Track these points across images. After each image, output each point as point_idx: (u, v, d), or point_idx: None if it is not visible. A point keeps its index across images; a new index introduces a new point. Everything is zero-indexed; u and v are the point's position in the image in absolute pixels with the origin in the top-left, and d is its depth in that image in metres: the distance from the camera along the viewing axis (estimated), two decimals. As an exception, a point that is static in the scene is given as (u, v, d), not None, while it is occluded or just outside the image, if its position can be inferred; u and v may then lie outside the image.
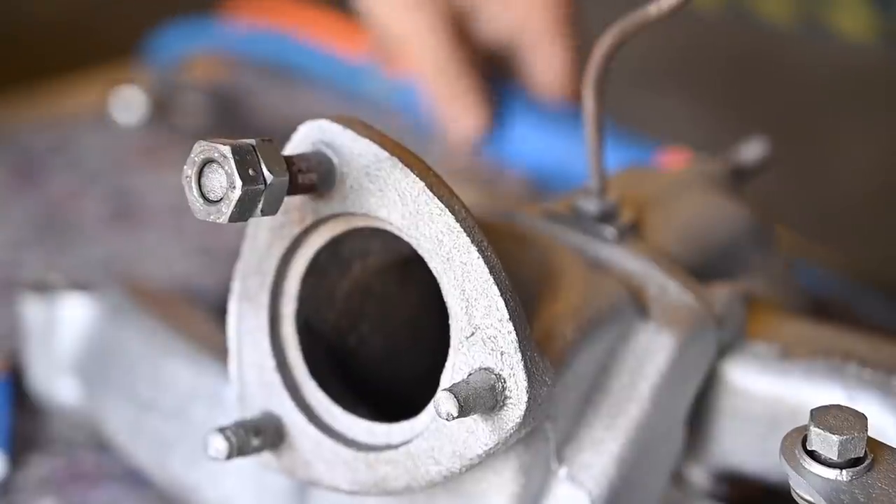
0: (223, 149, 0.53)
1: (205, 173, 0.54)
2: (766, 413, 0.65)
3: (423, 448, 0.57)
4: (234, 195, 0.53)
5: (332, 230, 0.59)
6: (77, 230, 0.96)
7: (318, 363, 0.61)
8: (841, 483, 0.52)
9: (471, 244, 0.55)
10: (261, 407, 0.61)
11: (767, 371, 0.65)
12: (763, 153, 0.75)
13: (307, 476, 0.60)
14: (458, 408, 0.54)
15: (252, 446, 0.60)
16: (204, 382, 0.71)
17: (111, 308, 0.76)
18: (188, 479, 0.71)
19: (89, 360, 0.75)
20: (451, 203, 0.56)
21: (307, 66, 1.11)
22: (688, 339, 0.63)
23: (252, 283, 0.60)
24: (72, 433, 0.78)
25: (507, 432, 0.56)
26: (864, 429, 0.52)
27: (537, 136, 1.00)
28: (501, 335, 0.55)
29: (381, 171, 0.56)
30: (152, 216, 0.98)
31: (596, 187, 0.68)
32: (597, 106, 0.65)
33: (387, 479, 0.58)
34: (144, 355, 0.73)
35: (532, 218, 0.67)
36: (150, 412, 0.72)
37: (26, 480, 0.76)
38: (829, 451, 0.52)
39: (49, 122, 1.06)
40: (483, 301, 0.56)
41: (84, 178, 1.01)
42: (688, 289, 0.64)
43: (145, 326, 0.74)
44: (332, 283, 0.61)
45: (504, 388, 0.56)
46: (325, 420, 0.60)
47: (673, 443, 0.64)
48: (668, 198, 0.71)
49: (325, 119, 0.57)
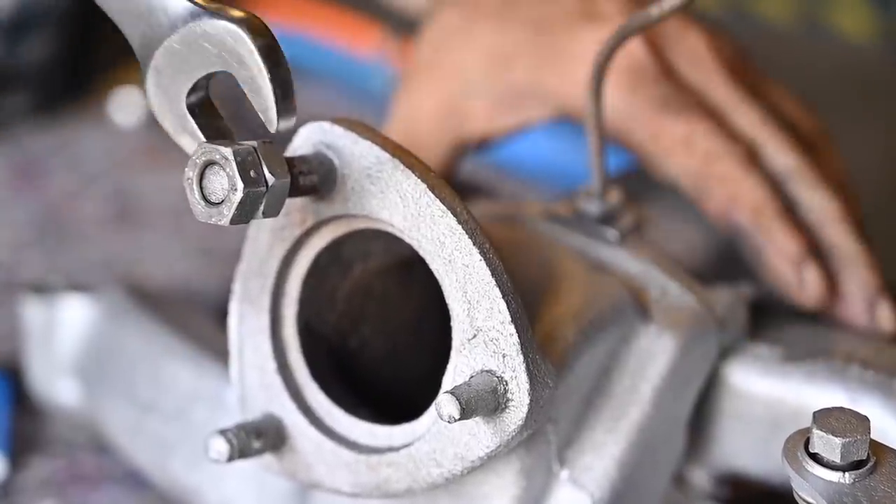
0: (225, 151, 0.53)
1: (206, 175, 0.54)
2: (768, 415, 0.65)
3: (424, 450, 0.57)
4: (236, 197, 0.53)
5: (333, 232, 0.59)
6: (77, 231, 0.96)
7: (319, 365, 0.61)
8: (843, 486, 0.52)
9: (473, 246, 0.55)
10: (262, 409, 0.61)
11: (769, 373, 0.65)
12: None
13: (308, 478, 0.60)
14: (459, 410, 0.54)
15: (253, 448, 0.59)
16: (205, 384, 0.71)
17: (111, 309, 0.75)
18: (189, 481, 0.71)
19: (89, 362, 0.75)
20: (452, 205, 0.56)
21: (315, 64, 1.11)
22: (689, 341, 0.63)
23: (253, 284, 0.60)
24: (72, 434, 0.78)
25: (508, 435, 0.56)
26: (867, 431, 0.52)
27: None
28: (503, 337, 0.55)
29: (383, 172, 0.56)
30: (152, 217, 0.97)
31: (597, 189, 0.67)
32: (597, 106, 0.65)
33: (388, 482, 0.58)
34: (145, 357, 0.73)
35: (534, 219, 0.67)
36: (151, 414, 0.72)
37: (27, 482, 0.76)
38: (832, 453, 0.51)
39: (49, 123, 1.06)
40: (485, 303, 0.55)
41: (84, 179, 1.01)
42: (689, 291, 0.64)
43: (146, 328, 0.74)
44: (333, 285, 0.61)
45: (506, 390, 0.56)
46: (327, 422, 0.60)
47: (674, 445, 0.64)
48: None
49: (326, 121, 0.57)
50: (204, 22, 0.53)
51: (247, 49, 0.53)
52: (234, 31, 0.53)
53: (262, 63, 0.53)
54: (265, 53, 0.53)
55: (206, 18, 0.54)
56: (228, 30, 0.53)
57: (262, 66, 0.53)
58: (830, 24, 1.24)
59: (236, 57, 0.53)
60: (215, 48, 0.53)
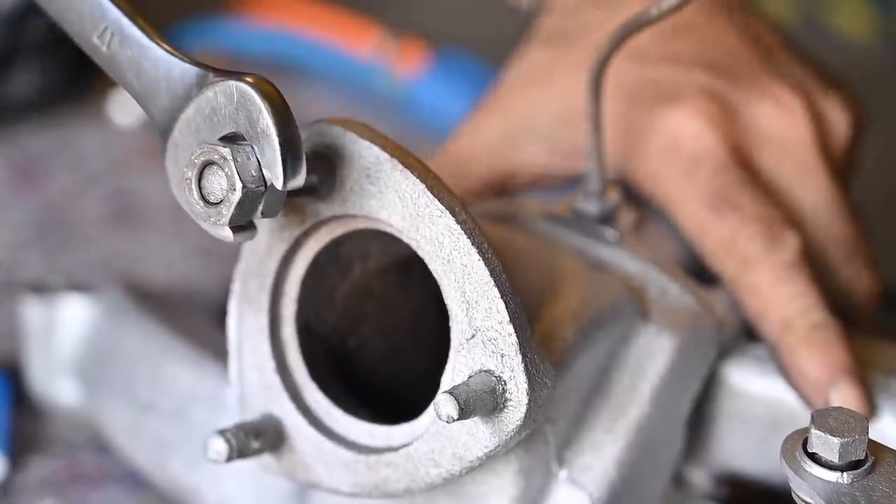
0: (223, 150, 0.53)
1: (205, 175, 0.54)
2: (767, 415, 0.65)
3: (423, 450, 0.57)
4: (235, 197, 0.53)
5: (332, 232, 0.59)
6: (77, 231, 0.96)
7: (318, 365, 0.61)
8: (842, 485, 0.52)
9: (471, 246, 0.55)
10: (261, 409, 0.61)
11: (768, 373, 0.65)
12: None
13: (307, 478, 0.60)
14: (458, 410, 0.54)
15: (252, 448, 0.59)
16: (204, 384, 0.71)
17: (111, 309, 0.75)
18: (188, 481, 0.71)
19: (89, 362, 0.75)
20: (451, 205, 0.56)
21: (315, 64, 1.11)
22: (688, 341, 0.63)
23: (252, 284, 0.60)
24: (72, 434, 0.78)
25: (507, 434, 0.56)
26: (865, 431, 0.52)
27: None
28: (502, 337, 0.55)
29: (382, 172, 0.56)
30: (152, 217, 0.97)
31: (596, 189, 0.68)
32: (597, 106, 0.65)
33: (387, 482, 0.58)
34: (144, 356, 0.73)
35: (533, 219, 0.67)
36: (150, 413, 0.72)
37: (26, 482, 0.76)
38: (830, 453, 0.52)
39: (50, 123, 1.06)
40: (483, 303, 0.55)
41: (84, 178, 1.01)
42: (689, 291, 0.64)
43: (145, 328, 0.74)
44: (332, 285, 0.61)
45: (504, 390, 0.56)
46: (326, 422, 0.60)
47: (673, 445, 0.64)
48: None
49: (324, 121, 0.57)
50: (217, 85, 0.54)
51: (256, 108, 0.53)
52: (244, 90, 0.53)
53: (271, 119, 0.53)
54: (275, 111, 0.53)
55: (217, 81, 0.54)
56: (240, 89, 0.53)
57: (271, 123, 0.53)
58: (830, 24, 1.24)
59: (245, 114, 0.53)
60: (225, 109, 0.54)
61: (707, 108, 0.69)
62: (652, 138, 0.69)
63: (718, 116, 0.69)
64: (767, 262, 0.66)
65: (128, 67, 0.56)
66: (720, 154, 0.69)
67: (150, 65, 0.56)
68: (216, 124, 0.54)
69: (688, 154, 0.69)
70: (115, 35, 0.56)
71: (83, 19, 0.57)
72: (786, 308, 0.65)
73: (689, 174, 0.68)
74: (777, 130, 0.70)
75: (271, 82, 0.54)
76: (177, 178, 0.56)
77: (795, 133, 0.70)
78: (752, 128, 0.70)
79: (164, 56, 0.56)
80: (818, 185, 0.70)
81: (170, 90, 0.56)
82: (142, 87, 0.56)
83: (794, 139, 0.70)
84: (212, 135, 0.54)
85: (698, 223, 0.68)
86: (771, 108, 0.70)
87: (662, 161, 0.69)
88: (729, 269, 0.67)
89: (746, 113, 0.70)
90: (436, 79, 1.07)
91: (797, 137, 0.70)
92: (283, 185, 0.53)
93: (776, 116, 0.70)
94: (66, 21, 0.57)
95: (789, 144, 0.70)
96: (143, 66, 0.56)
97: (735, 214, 0.67)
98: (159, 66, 0.56)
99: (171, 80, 0.56)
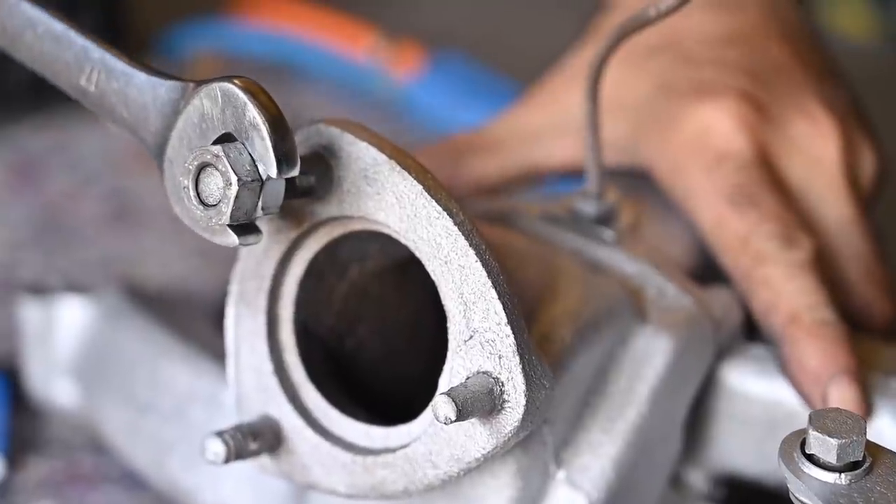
0: (214, 149, 0.53)
1: (201, 180, 0.54)
2: (765, 416, 0.65)
3: (420, 452, 0.57)
4: (232, 192, 0.53)
5: (329, 233, 0.59)
6: (75, 231, 0.96)
7: (315, 366, 0.61)
8: (839, 487, 0.52)
9: (469, 247, 0.55)
10: (259, 410, 0.60)
11: (766, 374, 0.65)
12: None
13: (305, 479, 0.60)
14: (455, 411, 0.54)
15: (250, 450, 0.59)
16: (202, 385, 0.71)
17: (109, 310, 0.75)
18: (186, 482, 0.71)
19: (87, 363, 0.75)
20: (449, 206, 0.56)
21: (312, 66, 1.11)
22: (686, 342, 0.63)
23: (250, 286, 0.60)
24: (70, 435, 0.78)
25: (505, 436, 0.56)
26: (863, 432, 0.52)
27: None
28: (499, 338, 0.55)
29: (379, 174, 0.56)
30: (151, 218, 0.97)
31: (594, 189, 0.67)
32: (595, 107, 0.65)
33: (384, 483, 0.58)
34: (142, 357, 0.73)
35: (530, 220, 0.67)
36: (148, 414, 0.72)
37: (24, 482, 0.76)
38: (828, 454, 0.51)
39: (48, 123, 1.06)
40: (481, 304, 0.55)
41: (82, 179, 1.01)
42: (686, 291, 0.64)
43: (143, 329, 0.74)
44: (329, 287, 0.61)
45: (502, 391, 0.56)
46: (323, 423, 0.60)
47: (671, 446, 0.64)
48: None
49: (322, 122, 0.57)
50: (201, 91, 0.54)
51: (241, 102, 0.53)
52: (227, 88, 0.54)
53: (257, 110, 0.53)
54: (259, 102, 0.53)
55: (201, 88, 0.55)
56: (223, 88, 0.54)
57: (257, 114, 0.53)
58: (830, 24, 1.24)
59: (232, 111, 0.54)
60: (212, 112, 0.54)
61: (742, 109, 0.70)
62: (681, 128, 0.70)
63: (752, 119, 0.70)
64: (782, 259, 0.66)
65: (116, 100, 0.57)
66: (747, 154, 0.69)
67: (137, 91, 0.57)
68: (206, 130, 0.55)
69: (714, 149, 0.69)
70: (101, 72, 0.57)
71: (69, 66, 0.58)
72: (795, 301, 0.65)
73: (712, 168, 0.68)
74: (809, 146, 0.70)
75: (254, 80, 0.54)
76: (175, 194, 0.56)
77: (827, 152, 0.70)
78: (784, 138, 0.70)
79: (148, 79, 0.56)
80: (842, 203, 0.70)
81: (158, 111, 0.56)
82: (131, 115, 0.57)
83: (824, 157, 0.70)
84: (203, 142, 0.55)
85: (716, 216, 0.68)
86: (807, 125, 0.71)
87: (687, 152, 0.69)
88: (742, 264, 0.67)
89: (781, 123, 0.70)
90: (432, 81, 1.07)
91: (828, 156, 0.70)
92: (277, 173, 0.53)
93: (811, 133, 0.71)
94: (53, 72, 0.58)
95: (819, 160, 0.70)
96: (129, 95, 0.57)
97: (754, 211, 0.67)
98: (145, 90, 0.57)
99: (159, 99, 0.56)
